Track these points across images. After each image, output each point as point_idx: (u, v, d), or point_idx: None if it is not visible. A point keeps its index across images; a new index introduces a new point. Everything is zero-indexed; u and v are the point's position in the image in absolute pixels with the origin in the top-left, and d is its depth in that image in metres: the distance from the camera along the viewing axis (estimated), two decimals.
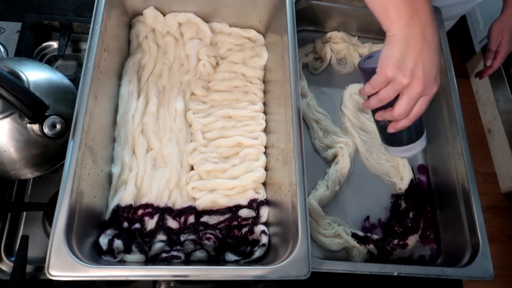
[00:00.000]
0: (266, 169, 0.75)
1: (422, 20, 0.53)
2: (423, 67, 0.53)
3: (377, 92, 0.59)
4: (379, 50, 0.59)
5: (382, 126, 0.67)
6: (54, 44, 0.88)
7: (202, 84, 0.81)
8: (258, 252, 0.67)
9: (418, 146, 0.68)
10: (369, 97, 0.62)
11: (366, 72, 0.62)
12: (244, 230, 0.70)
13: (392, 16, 0.54)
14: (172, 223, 0.68)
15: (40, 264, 0.69)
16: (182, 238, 0.68)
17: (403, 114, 0.58)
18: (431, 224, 0.81)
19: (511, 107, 1.74)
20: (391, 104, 0.60)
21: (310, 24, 0.95)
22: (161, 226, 0.68)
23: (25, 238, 0.64)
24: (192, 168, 0.75)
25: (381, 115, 0.62)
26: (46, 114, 0.61)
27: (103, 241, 0.62)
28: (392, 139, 0.68)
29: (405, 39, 0.53)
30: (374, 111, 0.66)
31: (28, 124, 0.62)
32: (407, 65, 0.53)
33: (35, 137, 0.64)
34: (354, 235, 0.75)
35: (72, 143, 0.59)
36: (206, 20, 0.85)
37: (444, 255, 0.77)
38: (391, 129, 0.63)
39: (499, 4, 0.97)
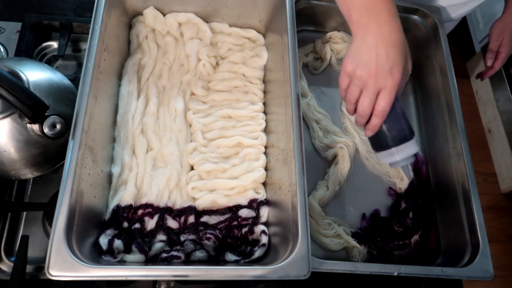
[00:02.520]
0: (266, 169, 0.75)
1: (379, 19, 0.56)
2: (376, 59, 0.56)
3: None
4: None
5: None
6: (54, 44, 0.88)
7: (202, 84, 0.81)
8: (258, 252, 0.67)
9: (406, 149, 0.64)
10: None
11: None
12: (244, 230, 0.70)
13: (353, 18, 0.58)
14: (172, 223, 0.68)
15: (40, 264, 0.69)
16: (182, 238, 0.68)
17: (366, 110, 0.60)
18: (431, 224, 0.81)
19: (511, 107, 1.74)
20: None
21: (310, 24, 0.95)
22: (161, 226, 0.68)
23: (25, 238, 0.64)
24: (192, 168, 0.75)
25: (356, 120, 0.64)
26: (46, 114, 0.61)
27: (103, 241, 0.62)
28: (377, 143, 0.66)
29: (363, 36, 0.57)
30: None
31: (28, 124, 0.62)
32: (362, 58, 0.57)
33: (35, 137, 0.64)
34: (354, 235, 0.75)
35: (72, 143, 0.59)
36: (206, 20, 0.85)
37: (444, 255, 0.77)
38: (368, 131, 0.64)
39: (499, 4, 0.97)
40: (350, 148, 0.83)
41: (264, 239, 0.69)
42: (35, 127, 0.62)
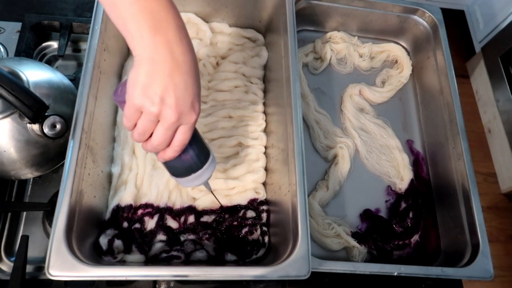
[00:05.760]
0: (266, 169, 0.75)
1: (168, 38, 0.45)
2: (174, 92, 0.45)
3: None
4: None
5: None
6: (54, 44, 0.88)
7: (202, 84, 0.81)
8: (258, 252, 0.67)
9: (206, 171, 0.58)
10: None
11: (120, 104, 0.51)
12: (244, 230, 0.70)
13: (132, 32, 0.45)
14: (172, 223, 0.68)
15: (40, 264, 0.69)
16: (182, 238, 0.68)
17: (162, 144, 0.50)
18: (431, 224, 0.81)
19: (511, 107, 1.74)
20: None
21: (310, 24, 0.95)
22: (161, 226, 0.68)
23: (25, 238, 0.64)
24: None
25: (144, 146, 0.52)
26: (46, 114, 0.61)
27: (103, 241, 0.62)
28: (175, 171, 0.58)
29: (151, 60, 0.45)
30: None
31: (28, 124, 0.62)
32: (156, 90, 0.45)
33: (35, 137, 0.64)
34: (354, 235, 0.75)
35: (72, 143, 0.59)
36: (206, 20, 0.85)
37: (444, 255, 0.77)
38: (160, 159, 0.54)
39: (499, 4, 0.97)
40: (350, 148, 0.83)
41: (264, 239, 0.68)
42: (35, 127, 0.62)
